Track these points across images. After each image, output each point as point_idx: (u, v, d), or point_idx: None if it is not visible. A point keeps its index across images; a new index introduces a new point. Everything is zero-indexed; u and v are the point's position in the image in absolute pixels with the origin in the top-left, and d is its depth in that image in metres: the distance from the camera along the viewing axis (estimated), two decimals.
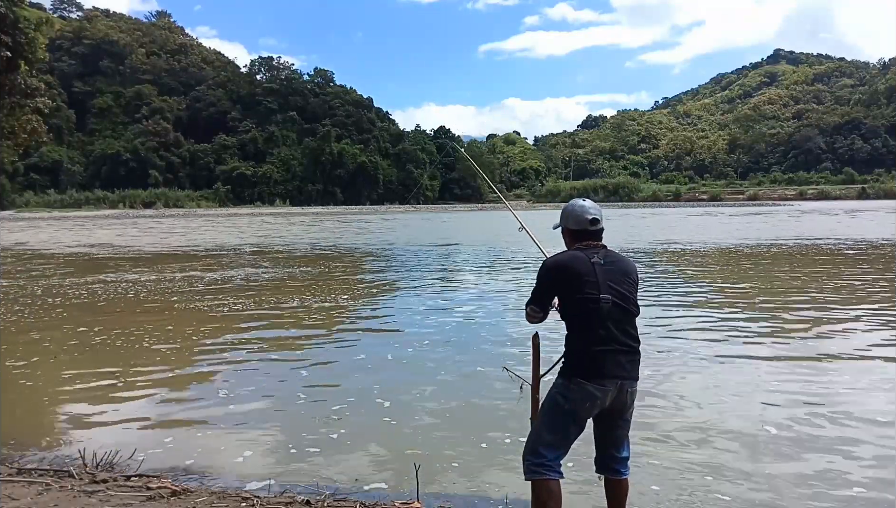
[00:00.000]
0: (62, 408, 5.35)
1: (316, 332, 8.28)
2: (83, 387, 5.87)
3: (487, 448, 4.28)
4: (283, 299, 10.90)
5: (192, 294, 11.49)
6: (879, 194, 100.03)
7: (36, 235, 33.18)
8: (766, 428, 4.53)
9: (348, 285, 12.87)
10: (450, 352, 7.02)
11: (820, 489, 3.59)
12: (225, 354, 7.14)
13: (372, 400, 5.33)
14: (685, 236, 26.92)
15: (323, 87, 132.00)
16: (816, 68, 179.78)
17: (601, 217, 2.88)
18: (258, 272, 15.11)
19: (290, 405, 5.30)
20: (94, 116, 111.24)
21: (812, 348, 7.05)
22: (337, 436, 4.51)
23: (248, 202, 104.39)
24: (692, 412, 4.93)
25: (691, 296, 10.92)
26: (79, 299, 11.13)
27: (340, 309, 10.02)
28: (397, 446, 4.31)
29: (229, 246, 24.42)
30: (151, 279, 13.75)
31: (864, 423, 4.63)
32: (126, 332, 8.16)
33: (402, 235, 31.64)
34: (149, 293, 11.66)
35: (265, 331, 8.35)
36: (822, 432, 4.49)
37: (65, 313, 9.78)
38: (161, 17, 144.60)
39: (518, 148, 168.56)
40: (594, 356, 2.68)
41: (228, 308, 10.00)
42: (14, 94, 20.98)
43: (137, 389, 5.80)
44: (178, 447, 4.39)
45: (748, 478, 3.73)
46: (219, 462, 4.10)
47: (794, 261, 16.36)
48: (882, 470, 3.86)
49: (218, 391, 5.72)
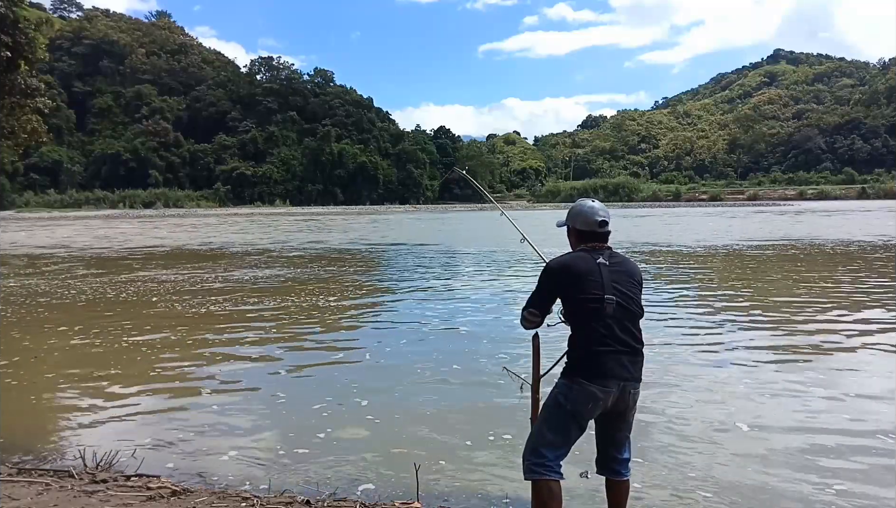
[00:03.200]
0: (61, 408, 5.34)
1: (315, 332, 8.26)
2: (83, 387, 5.86)
3: (487, 448, 4.27)
4: (284, 299, 10.90)
5: (190, 295, 11.49)
6: (879, 193, 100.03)
7: (32, 236, 33.19)
8: (765, 428, 4.53)
9: (348, 285, 12.86)
10: (450, 352, 7.01)
11: (821, 489, 3.59)
12: (225, 355, 7.13)
13: (372, 400, 5.32)
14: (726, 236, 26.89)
15: (323, 87, 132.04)
16: (816, 68, 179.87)
17: (609, 219, 2.88)
18: (311, 271, 15.11)
19: (291, 405, 5.29)
20: (94, 116, 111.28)
21: (815, 348, 7.05)
22: (337, 436, 4.50)
23: (248, 202, 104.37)
24: (691, 412, 4.92)
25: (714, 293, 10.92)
26: (77, 298, 11.14)
27: (340, 309, 10.01)
28: (397, 446, 4.30)
29: (256, 246, 24.41)
30: (158, 278, 13.76)
31: (865, 423, 4.63)
32: (125, 332, 8.16)
33: (401, 235, 31.63)
34: (148, 294, 11.66)
35: (269, 331, 8.34)
36: (823, 433, 4.48)
37: (65, 312, 9.78)
38: (161, 17, 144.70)
39: (518, 148, 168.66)
40: (597, 356, 2.67)
41: (229, 308, 10.01)
42: (14, 94, 20.94)
43: (136, 389, 5.79)
44: (177, 447, 4.38)
45: (748, 478, 3.72)
46: (219, 462, 4.09)
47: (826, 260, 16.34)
48: (884, 473, 3.85)
49: (218, 391, 5.71)
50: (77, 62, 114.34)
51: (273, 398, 5.46)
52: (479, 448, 4.28)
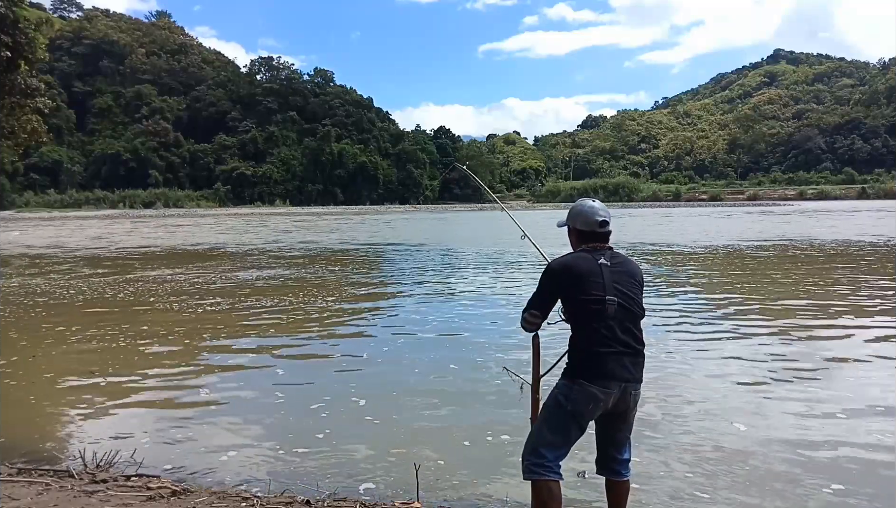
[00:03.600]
0: (61, 409, 5.34)
1: (314, 332, 8.26)
2: (82, 387, 5.86)
3: (487, 448, 4.27)
4: (283, 299, 10.89)
5: (188, 295, 11.49)
6: (879, 193, 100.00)
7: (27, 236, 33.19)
8: (764, 429, 4.53)
9: (347, 285, 12.86)
10: (449, 352, 7.01)
11: (817, 490, 3.59)
12: (225, 355, 7.14)
13: (371, 400, 5.32)
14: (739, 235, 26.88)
15: (323, 87, 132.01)
16: (816, 68, 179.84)
17: (609, 219, 2.87)
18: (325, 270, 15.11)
19: (290, 405, 5.29)
20: (94, 116, 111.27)
21: (814, 348, 7.05)
22: (337, 436, 4.50)
23: (248, 202, 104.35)
24: (689, 412, 4.92)
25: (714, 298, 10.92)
26: (76, 298, 11.14)
27: (340, 309, 10.01)
28: (397, 446, 4.30)
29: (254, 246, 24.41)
30: (166, 278, 13.76)
31: (862, 425, 4.63)
32: (122, 332, 8.16)
33: (401, 235, 31.63)
34: (147, 294, 11.66)
35: (268, 331, 8.34)
36: (821, 436, 4.48)
37: (64, 312, 9.77)
38: (161, 17, 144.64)
39: (518, 148, 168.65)
40: (598, 357, 2.67)
41: (227, 308, 10.00)
42: (14, 94, 20.94)
43: (136, 390, 5.79)
44: (177, 447, 4.38)
45: (746, 479, 3.73)
46: (219, 462, 4.09)
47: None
48: (885, 475, 3.85)
49: (218, 391, 5.71)
50: (77, 62, 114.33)
51: (273, 399, 5.46)
52: (479, 447, 4.28)
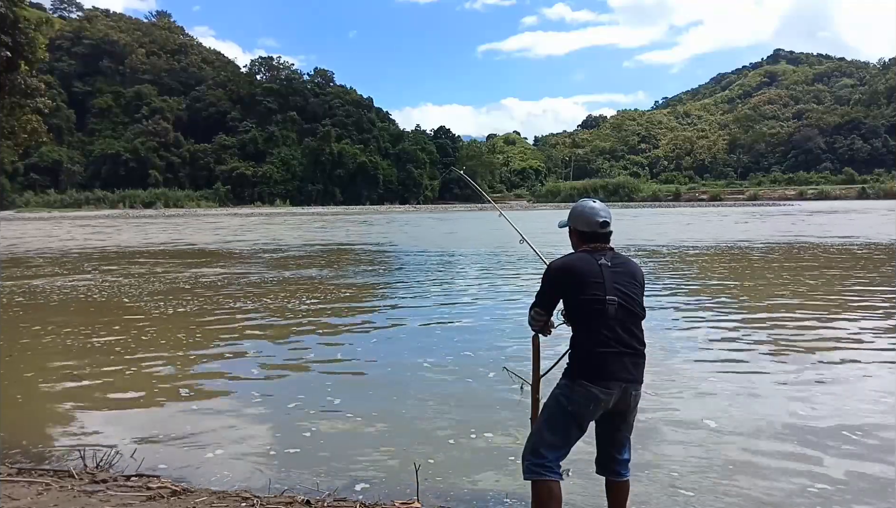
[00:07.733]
0: (61, 409, 5.34)
1: (314, 332, 8.27)
2: (82, 387, 5.86)
3: (487, 448, 4.28)
4: (283, 299, 10.89)
5: (186, 295, 11.49)
6: (879, 193, 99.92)
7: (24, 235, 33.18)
8: (763, 429, 4.53)
9: (346, 285, 12.86)
10: (449, 352, 7.00)
11: (813, 490, 3.59)
12: (224, 355, 7.13)
13: (371, 400, 5.33)
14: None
15: (323, 87, 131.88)
16: (816, 68, 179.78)
17: (610, 219, 2.88)
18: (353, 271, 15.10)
19: (290, 405, 5.28)
20: (94, 116, 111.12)
21: (813, 349, 7.05)
22: (336, 436, 4.50)
23: (248, 202, 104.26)
24: (688, 412, 4.92)
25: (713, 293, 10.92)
26: (73, 298, 11.13)
27: (339, 309, 10.00)
28: (397, 446, 4.31)
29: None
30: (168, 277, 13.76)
31: (859, 425, 4.63)
32: (121, 332, 8.16)
33: (401, 235, 31.62)
34: (144, 294, 11.66)
35: (268, 329, 8.34)
36: (818, 435, 4.48)
37: (62, 312, 9.77)
38: (161, 17, 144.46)
39: (518, 148, 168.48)
40: (599, 357, 2.67)
41: (225, 308, 10.00)
42: (14, 94, 20.96)
43: (136, 390, 5.79)
44: (177, 447, 4.38)
45: (745, 479, 3.73)
46: (219, 462, 4.09)
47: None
48: (877, 473, 3.85)
49: (218, 391, 5.72)
50: (77, 62, 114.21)
51: (273, 399, 5.46)
52: (479, 447, 4.28)
